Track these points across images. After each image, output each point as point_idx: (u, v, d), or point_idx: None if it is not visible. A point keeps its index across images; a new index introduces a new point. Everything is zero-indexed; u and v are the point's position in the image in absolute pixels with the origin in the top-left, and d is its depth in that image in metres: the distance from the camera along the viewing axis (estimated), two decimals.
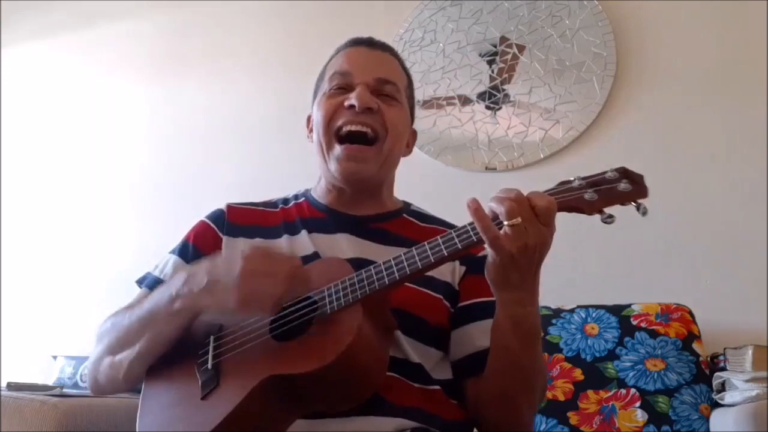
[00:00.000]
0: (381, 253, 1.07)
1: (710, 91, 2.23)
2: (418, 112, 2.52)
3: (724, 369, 1.77)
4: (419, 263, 0.91)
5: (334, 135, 1.15)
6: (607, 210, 0.89)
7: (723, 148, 2.18)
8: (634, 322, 1.87)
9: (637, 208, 0.88)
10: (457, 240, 0.90)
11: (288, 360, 0.89)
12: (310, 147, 1.22)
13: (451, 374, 1.09)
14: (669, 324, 1.85)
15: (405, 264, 0.92)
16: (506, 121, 2.42)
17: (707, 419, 1.71)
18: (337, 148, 1.14)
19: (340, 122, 1.14)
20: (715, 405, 1.73)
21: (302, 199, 1.25)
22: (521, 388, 1.01)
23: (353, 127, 1.13)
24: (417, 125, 2.69)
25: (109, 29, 3.20)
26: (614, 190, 0.88)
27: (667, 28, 2.32)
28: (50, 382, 2.36)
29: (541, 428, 1.78)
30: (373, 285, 0.92)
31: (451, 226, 1.18)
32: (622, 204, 0.88)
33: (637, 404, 1.76)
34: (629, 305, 1.92)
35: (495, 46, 2.48)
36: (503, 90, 2.45)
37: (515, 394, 1.01)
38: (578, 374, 1.84)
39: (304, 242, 1.14)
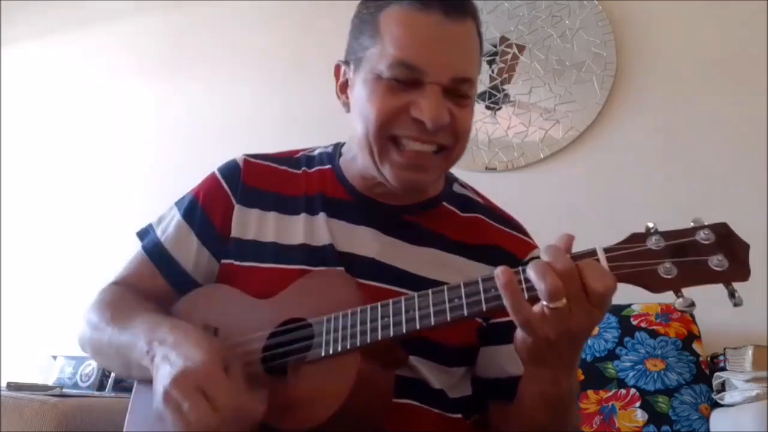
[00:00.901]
0: (406, 255, 0.98)
1: (710, 91, 2.22)
2: None
3: (724, 369, 1.77)
4: (432, 320, 0.77)
5: (389, 140, 0.93)
6: (686, 292, 0.68)
7: (723, 147, 2.17)
8: (634, 322, 1.87)
9: (731, 295, 0.68)
10: (483, 298, 0.75)
11: (276, 407, 0.81)
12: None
13: (471, 390, 1.00)
14: (669, 324, 1.85)
15: (416, 315, 0.78)
16: (506, 121, 2.42)
17: (707, 419, 1.71)
18: (395, 155, 0.93)
19: (400, 132, 0.92)
20: (715, 405, 1.73)
21: (328, 167, 1.06)
22: None
23: (417, 147, 0.92)
24: None
25: (108, 29, 3.20)
26: (703, 267, 0.67)
27: (666, 28, 2.32)
28: (50, 382, 2.36)
29: None
30: (376, 333, 0.80)
31: (496, 216, 1.06)
32: (711, 283, 0.67)
33: (637, 404, 1.76)
34: (629, 305, 1.92)
35: (495, 46, 2.48)
36: (503, 90, 2.45)
37: None
38: (578, 374, 1.84)
39: (320, 228, 0.99)
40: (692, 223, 0.70)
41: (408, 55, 0.90)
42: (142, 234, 1.09)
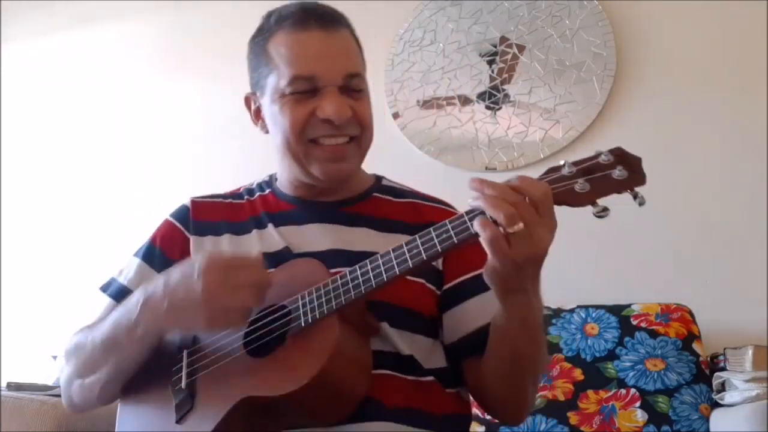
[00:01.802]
0: (355, 238, 1.06)
1: (710, 91, 2.22)
2: (418, 112, 2.52)
3: (724, 369, 1.77)
4: (397, 269, 0.86)
5: (308, 143, 1.06)
6: (601, 201, 0.81)
7: (723, 148, 2.18)
8: (634, 322, 1.88)
9: (634, 197, 0.80)
10: (436, 242, 0.84)
11: (263, 380, 0.86)
12: (259, 134, 1.15)
13: (445, 361, 1.05)
14: (669, 324, 1.85)
15: (382, 269, 0.87)
16: (506, 121, 2.42)
17: (707, 419, 1.71)
18: (318, 152, 1.06)
19: (315, 134, 1.05)
20: (715, 405, 1.73)
21: (268, 191, 1.18)
22: (528, 376, 0.99)
23: (333, 141, 1.06)
24: (417, 125, 2.69)
25: (110, 28, 3.19)
26: (609, 179, 0.81)
27: (666, 28, 2.32)
28: (50, 382, 2.36)
29: (541, 428, 1.78)
30: (349, 294, 0.87)
31: (426, 198, 1.17)
32: (618, 193, 0.81)
33: (637, 404, 1.76)
34: (629, 305, 1.92)
35: (495, 46, 2.48)
36: (503, 90, 2.45)
37: (522, 382, 0.99)
38: (578, 374, 1.84)
39: (272, 237, 1.09)
40: (594, 152, 0.84)
41: (301, 70, 1.04)
42: (105, 287, 1.16)
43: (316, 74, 1.04)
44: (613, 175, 0.80)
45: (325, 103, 1.03)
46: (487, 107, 2.45)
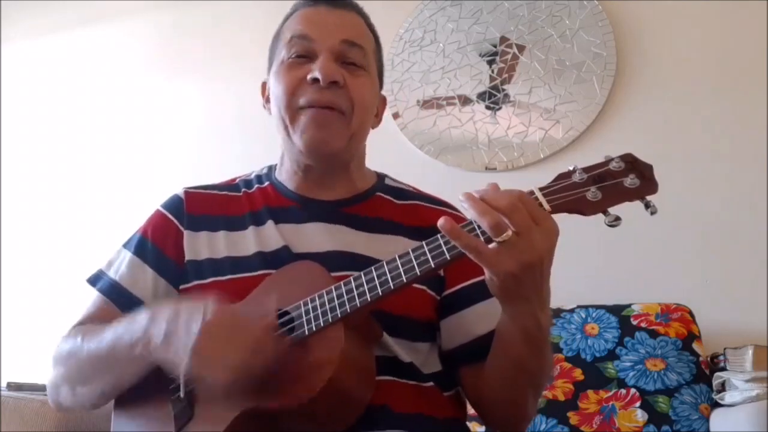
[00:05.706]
0: (358, 242, 1.03)
1: (710, 91, 2.23)
2: (418, 112, 2.52)
3: (724, 369, 1.77)
4: (404, 277, 0.83)
5: (297, 110, 1.04)
6: (612, 210, 0.79)
7: (723, 148, 2.18)
8: (634, 322, 1.87)
9: (646, 207, 0.78)
10: (445, 249, 0.82)
11: (267, 390, 0.83)
12: (269, 118, 1.11)
13: (441, 365, 1.04)
14: (669, 324, 1.85)
15: (388, 277, 0.84)
16: (506, 121, 2.42)
17: (707, 419, 1.71)
18: (302, 117, 1.03)
19: (302, 100, 1.03)
20: (715, 405, 1.73)
21: (267, 183, 1.14)
22: (529, 388, 0.96)
23: (317, 109, 1.03)
24: (416, 125, 2.68)
25: (109, 28, 3.20)
26: (621, 187, 0.79)
27: (666, 28, 2.32)
28: None
29: (541, 428, 1.78)
30: (354, 303, 0.85)
31: (431, 200, 1.14)
32: (630, 201, 0.79)
33: (637, 404, 1.76)
34: (629, 305, 1.92)
35: (495, 46, 2.48)
36: (503, 90, 2.45)
37: (523, 394, 0.96)
38: (578, 374, 1.84)
39: (271, 235, 1.04)
40: (604, 158, 0.83)
41: (299, 30, 1.06)
42: (94, 280, 1.11)
43: (311, 34, 1.05)
44: (625, 183, 0.79)
45: (317, 63, 1.02)
46: (487, 107, 2.45)
